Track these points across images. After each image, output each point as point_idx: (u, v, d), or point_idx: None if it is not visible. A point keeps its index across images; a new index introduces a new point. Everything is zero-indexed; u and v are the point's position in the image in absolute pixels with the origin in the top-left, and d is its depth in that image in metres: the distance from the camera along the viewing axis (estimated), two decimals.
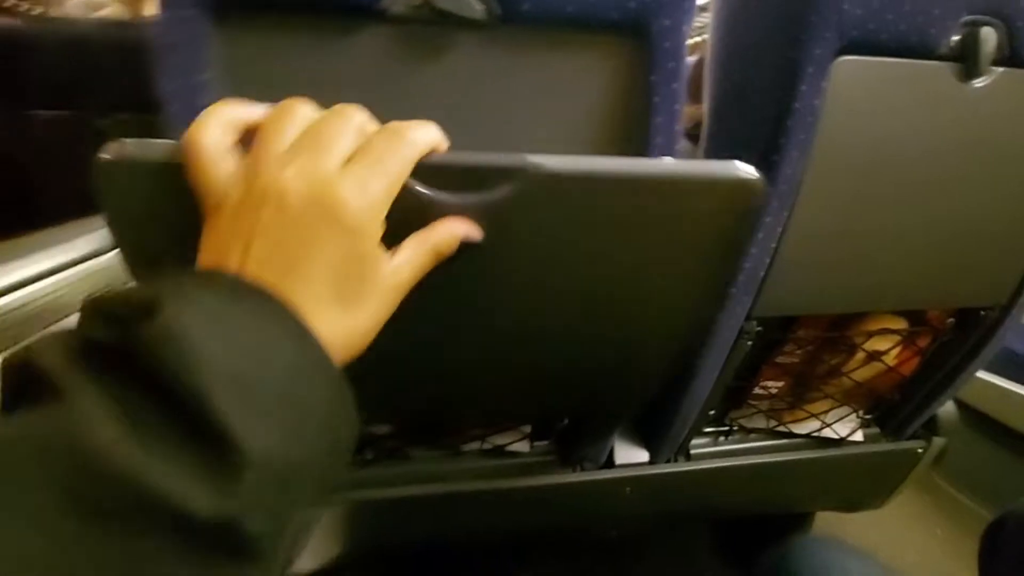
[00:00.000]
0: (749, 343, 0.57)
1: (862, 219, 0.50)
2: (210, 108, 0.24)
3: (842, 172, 0.48)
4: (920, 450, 0.75)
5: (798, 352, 0.62)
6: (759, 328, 0.56)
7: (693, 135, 0.63)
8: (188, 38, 0.36)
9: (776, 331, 0.58)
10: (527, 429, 0.62)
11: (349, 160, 0.23)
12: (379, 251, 0.24)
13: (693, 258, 0.34)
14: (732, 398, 0.67)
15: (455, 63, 0.40)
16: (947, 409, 0.74)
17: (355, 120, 0.24)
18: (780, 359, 0.62)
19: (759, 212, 0.46)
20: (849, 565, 0.44)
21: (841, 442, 0.72)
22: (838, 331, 0.60)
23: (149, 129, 0.37)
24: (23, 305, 0.43)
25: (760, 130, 0.47)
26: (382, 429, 0.59)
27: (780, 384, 0.66)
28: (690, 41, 0.42)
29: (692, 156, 0.60)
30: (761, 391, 0.66)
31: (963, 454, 1.21)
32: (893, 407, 0.72)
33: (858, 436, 0.72)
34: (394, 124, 0.25)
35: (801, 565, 0.45)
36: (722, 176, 0.31)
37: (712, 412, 0.68)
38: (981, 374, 1.10)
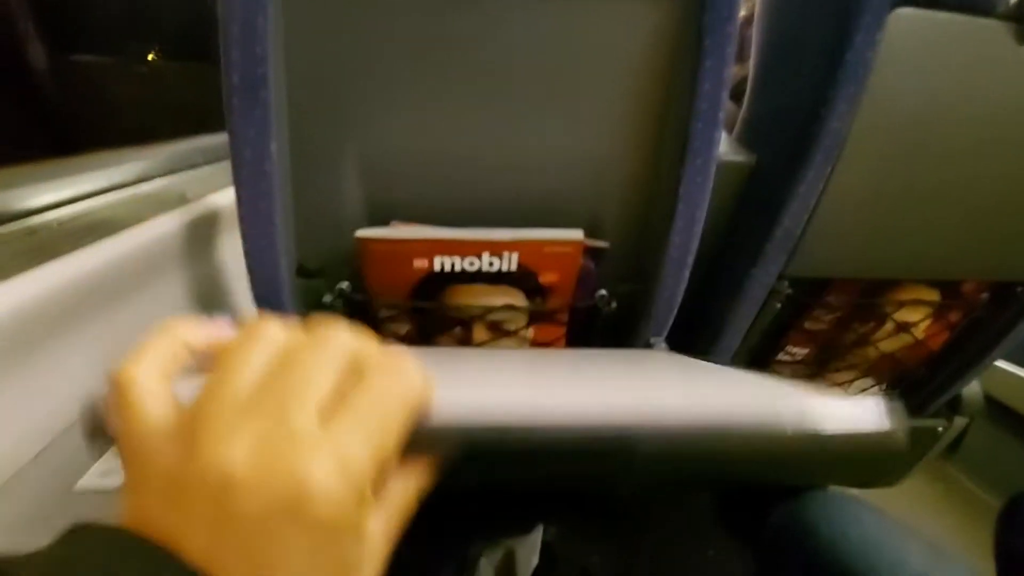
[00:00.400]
0: (778, 305, 0.57)
1: (905, 180, 0.50)
2: (156, 331, 0.20)
3: (890, 129, 0.47)
4: (940, 429, 0.75)
5: (826, 318, 0.62)
6: (790, 290, 0.56)
7: (734, 94, 0.62)
8: None
9: (806, 294, 0.58)
10: None
11: (328, 413, 0.17)
12: (364, 553, 0.17)
13: None
14: (755, 363, 0.67)
15: (507, 15, 0.40)
16: (972, 389, 0.73)
17: (337, 349, 0.18)
18: (808, 324, 0.62)
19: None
20: (863, 516, 0.44)
21: None
22: (869, 298, 0.60)
23: (187, 74, 0.38)
24: (70, 220, 0.45)
25: (809, 82, 0.46)
26: None
27: (805, 351, 0.66)
28: None
29: (734, 117, 0.59)
30: (786, 357, 0.66)
31: (978, 443, 1.21)
32: (917, 383, 0.72)
33: None
34: (388, 360, 0.19)
35: (816, 515, 0.45)
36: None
37: None
38: (1000, 362, 1.09)
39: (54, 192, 0.46)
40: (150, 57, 0.72)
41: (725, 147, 0.56)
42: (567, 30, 0.41)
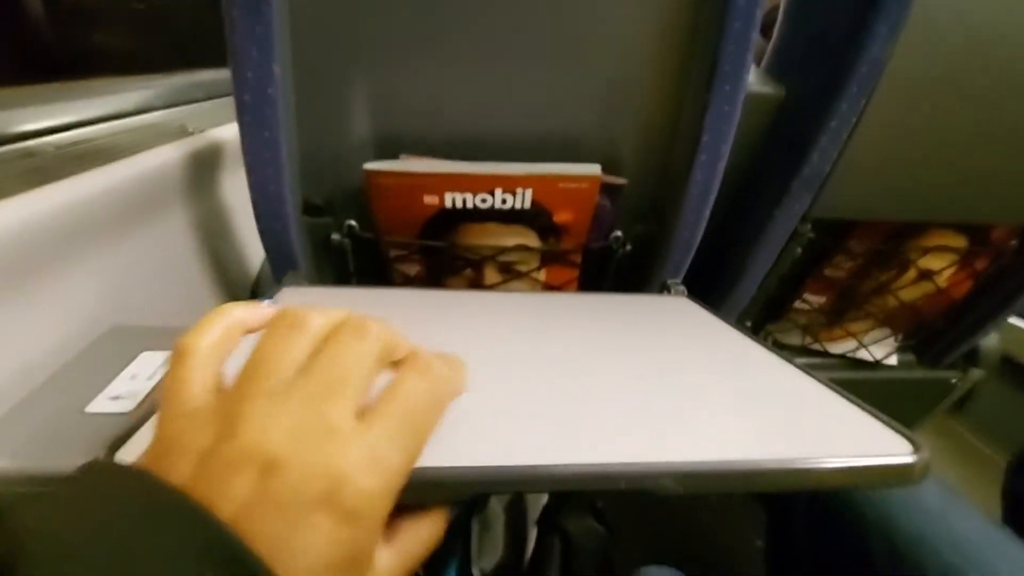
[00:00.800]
0: (799, 249, 0.55)
1: (941, 116, 0.47)
2: (217, 311, 0.21)
3: (929, 61, 0.44)
4: (955, 380, 0.74)
5: (846, 265, 0.60)
6: (812, 234, 0.54)
7: (763, 25, 0.59)
8: None
9: (828, 238, 0.56)
10: None
11: (363, 409, 0.18)
12: (374, 549, 0.17)
13: None
14: (771, 310, 0.66)
15: None
16: (990, 341, 0.72)
17: (373, 344, 0.19)
18: (828, 271, 0.60)
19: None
20: None
21: (875, 365, 0.71)
22: (893, 244, 0.58)
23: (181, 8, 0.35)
24: (72, 144, 0.43)
25: (844, 12, 0.43)
26: None
27: (823, 299, 0.64)
28: None
29: (761, 50, 0.56)
30: (803, 304, 0.65)
31: (985, 399, 1.20)
32: (935, 333, 0.71)
33: (892, 360, 0.71)
34: (421, 360, 0.20)
35: None
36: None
37: (749, 323, 0.67)
38: (1018, 321, 1.07)
39: (52, 117, 0.44)
40: None
41: (753, 77, 0.53)
42: None
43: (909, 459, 0.22)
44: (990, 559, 0.36)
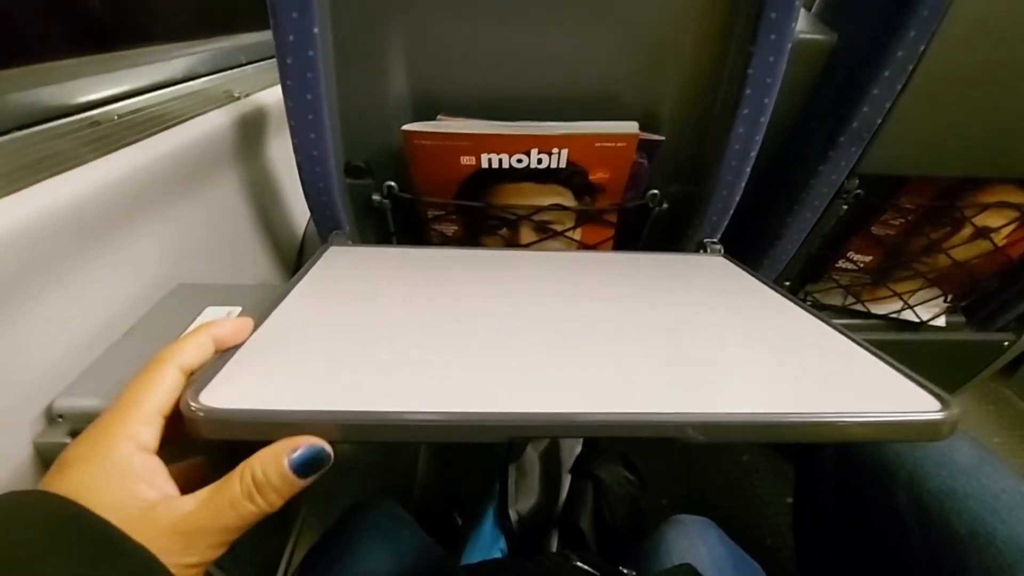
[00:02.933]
0: (845, 207, 0.54)
1: (1003, 62, 0.44)
2: (193, 331, 0.24)
3: (992, 6, 0.40)
4: (1006, 343, 0.72)
5: (895, 222, 0.58)
6: (859, 190, 0.52)
7: None
8: None
9: (877, 195, 0.54)
10: None
11: None
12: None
13: None
14: (813, 269, 0.65)
15: None
16: None
17: None
18: (874, 229, 0.58)
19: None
20: None
21: (920, 326, 0.69)
22: (948, 200, 0.55)
23: None
24: (130, 113, 0.45)
25: None
26: None
27: (868, 258, 0.62)
28: None
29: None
30: (847, 264, 0.63)
31: None
32: (987, 294, 0.68)
33: (940, 322, 0.69)
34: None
35: None
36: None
37: (788, 283, 0.66)
38: None
39: (112, 86, 0.46)
40: None
41: (802, 23, 0.50)
42: None
43: (938, 415, 0.22)
44: (1019, 515, 0.36)
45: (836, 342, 0.29)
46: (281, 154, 0.58)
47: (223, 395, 0.21)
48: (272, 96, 0.57)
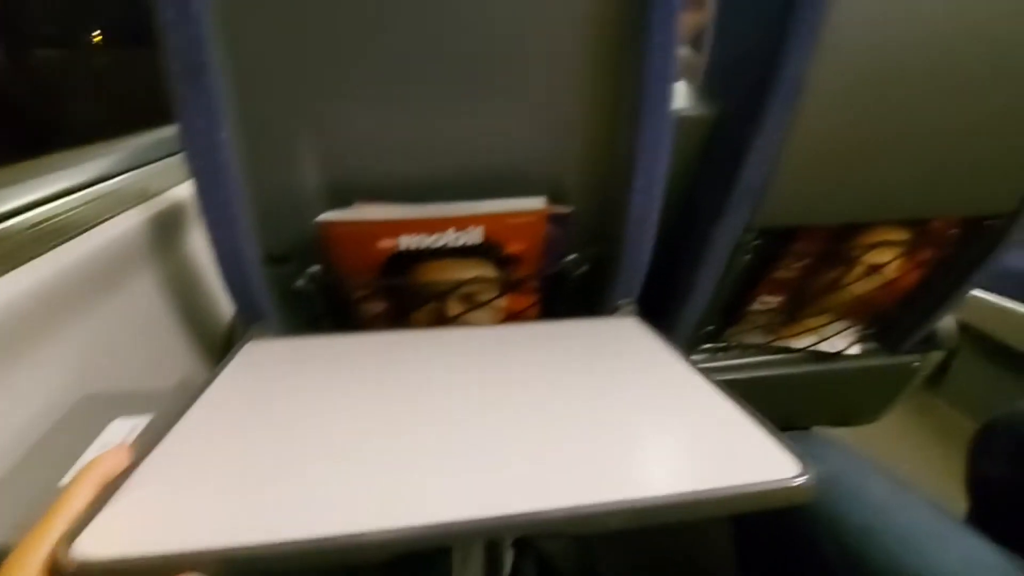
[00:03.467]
0: (747, 256, 0.58)
1: (867, 123, 0.49)
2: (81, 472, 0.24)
3: (848, 72, 0.46)
4: (916, 364, 0.77)
5: (796, 266, 0.62)
6: (757, 241, 0.57)
7: (696, 43, 0.61)
8: None
9: (774, 244, 0.58)
10: None
11: None
12: None
13: None
14: (730, 314, 0.69)
15: None
16: (946, 323, 0.75)
17: None
18: (778, 274, 0.63)
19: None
20: (829, 454, 0.46)
21: (838, 356, 0.73)
22: (838, 243, 0.60)
23: (142, 63, 0.37)
24: (34, 225, 0.45)
25: (764, 28, 0.45)
26: None
27: (778, 299, 0.67)
28: None
29: (695, 66, 0.58)
30: (759, 306, 0.68)
31: (961, 373, 1.24)
32: (891, 321, 0.74)
33: (855, 350, 0.74)
34: None
35: None
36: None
37: (710, 328, 0.69)
38: (979, 293, 1.10)
39: (18, 198, 0.46)
40: (96, 41, 0.70)
41: (687, 100, 0.55)
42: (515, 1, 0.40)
43: (796, 482, 0.24)
44: (929, 547, 0.38)
45: (721, 407, 0.32)
46: (202, 246, 0.58)
47: (103, 541, 0.21)
48: (189, 189, 0.57)
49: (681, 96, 0.56)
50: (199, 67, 0.37)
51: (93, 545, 0.20)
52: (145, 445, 0.27)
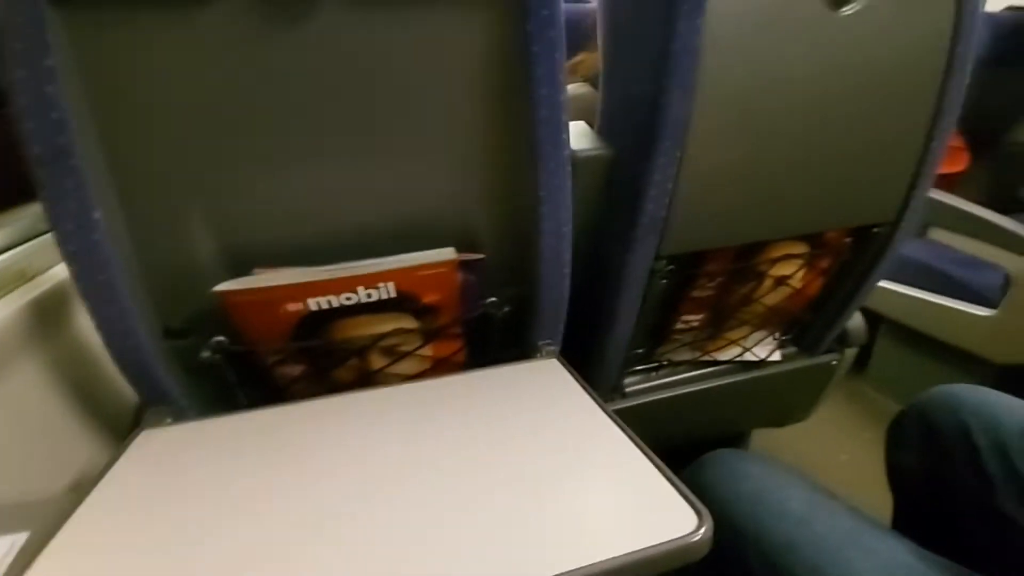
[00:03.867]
0: (663, 281, 0.60)
1: (754, 151, 0.53)
2: None
3: (728, 107, 0.49)
4: (834, 362, 0.82)
5: (710, 285, 0.65)
6: (670, 267, 0.59)
7: (596, 83, 0.64)
8: (27, 21, 0.33)
9: (686, 267, 0.61)
10: None
11: None
12: None
13: None
14: (656, 335, 0.71)
15: (321, 27, 0.38)
16: (855, 322, 0.80)
17: None
18: (695, 293, 0.65)
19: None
20: (753, 471, 0.48)
21: (762, 363, 0.77)
22: (744, 261, 0.64)
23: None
24: None
25: (646, 73, 0.48)
26: None
27: (699, 317, 0.70)
28: None
29: (593, 104, 0.61)
30: (683, 325, 0.70)
31: (887, 362, 1.33)
32: (806, 326, 0.78)
33: (777, 356, 0.78)
34: None
35: (709, 475, 0.49)
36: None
37: (640, 350, 0.71)
38: (896, 287, 1.19)
39: None
40: None
41: (586, 141, 0.57)
42: (398, 54, 0.41)
43: (694, 538, 0.25)
44: (849, 555, 0.40)
45: (628, 456, 0.32)
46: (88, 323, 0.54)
47: None
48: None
49: (581, 136, 0.58)
50: (62, 150, 0.35)
51: None
52: (15, 570, 0.25)
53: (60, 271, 0.52)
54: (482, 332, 0.56)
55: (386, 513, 0.30)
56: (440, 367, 0.55)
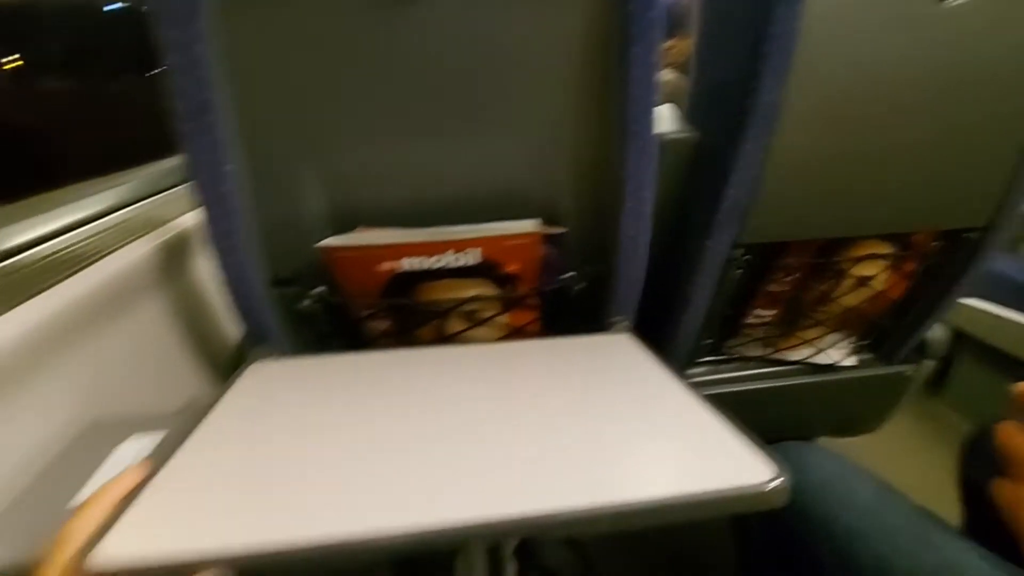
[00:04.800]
0: (738, 271, 0.60)
1: (844, 143, 0.52)
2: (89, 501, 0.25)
3: (822, 96, 0.49)
4: (910, 373, 0.78)
5: (787, 280, 0.64)
6: (747, 256, 0.58)
7: (685, 68, 0.64)
8: None
9: (765, 259, 0.60)
10: None
11: None
12: None
13: None
14: (727, 327, 0.70)
15: (433, 6, 0.41)
16: (936, 332, 0.76)
17: None
18: (771, 287, 0.64)
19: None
20: (819, 460, 0.47)
21: (834, 367, 0.75)
22: (826, 257, 0.62)
23: (152, 89, 0.40)
24: (51, 254, 0.47)
25: (740, 57, 0.48)
26: None
27: (772, 312, 0.68)
28: None
29: (681, 90, 0.61)
30: (755, 319, 0.69)
31: (962, 379, 1.25)
32: (884, 332, 0.75)
33: (850, 361, 0.75)
34: None
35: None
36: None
37: (709, 341, 0.71)
38: (979, 303, 1.12)
39: (32, 231, 0.48)
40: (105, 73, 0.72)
41: (673, 124, 0.58)
42: (501, 33, 0.43)
43: (771, 486, 0.25)
44: (916, 548, 0.39)
45: (703, 418, 0.33)
46: (209, 271, 0.60)
47: (120, 549, 0.22)
48: (195, 217, 0.60)
49: (668, 119, 0.58)
50: (204, 106, 0.40)
51: (115, 549, 0.21)
52: (159, 460, 0.29)
53: (183, 222, 0.58)
54: (557, 306, 0.58)
55: (469, 439, 0.32)
56: (514, 336, 0.57)
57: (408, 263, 0.49)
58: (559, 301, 0.58)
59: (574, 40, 0.43)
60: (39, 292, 0.39)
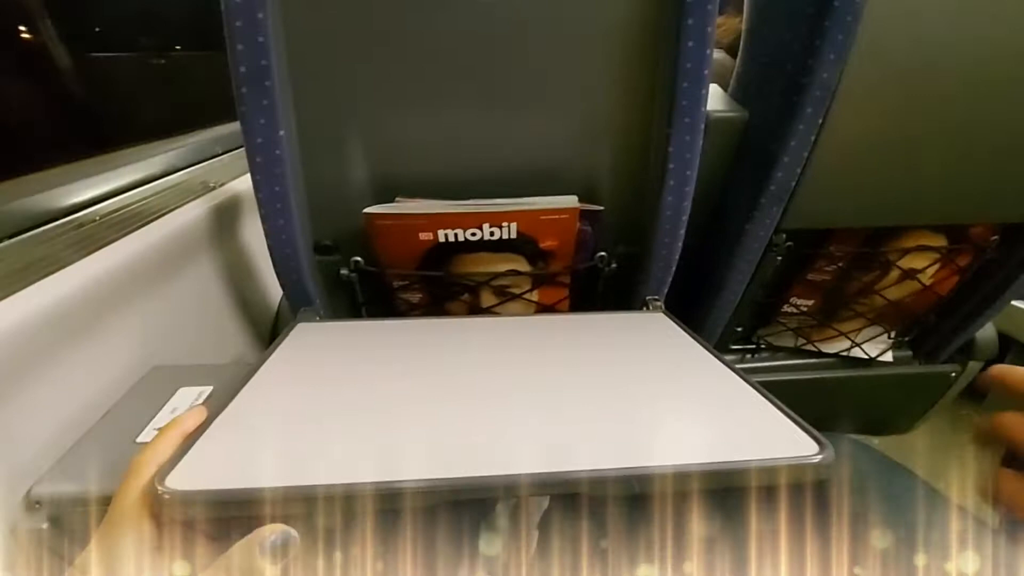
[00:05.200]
0: (778, 257, 0.58)
1: (901, 127, 0.50)
2: (161, 431, 0.27)
3: (881, 75, 0.47)
4: (953, 374, 0.76)
5: (829, 269, 0.62)
6: (789, 242, 0.57)
7: (733, 49, 0.62)
8: None
9: (807, 246, 0.59)
10: None
11: None
12: None
13: None
14: (760, 315, 0.69)
15: None
16: (986, 332, 0.73)
17: None
18: (811, 276, 0.63)
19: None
20: (851, 451, 0.47)
21: (870, 362, 0.73)
22: (872, 247, 0.60)
23: (204, 63, 0.41)
24: (116, 210, 0.49)
25: (798, 33, 0.46)
26: None
27: (810, 302, 0.67)
28: None
29: (729, 68, 0.59)
30: (790, 309, 0.68)
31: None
32: (927, 329, 0.72)
33: (888, 357, 0.73)
34: None
35: None
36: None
37: (740, 328, 0.70)
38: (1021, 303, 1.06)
39: (94, 188, 0.51)
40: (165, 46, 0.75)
41: (719, 103, 0.56)
42: (554, 9, 0.42)
43: (815, 459, 0.25)
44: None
45: (742, 393, 0.33)
46: (255, 235, 0.62)
47: (188, 478, 0.24)
48: (245, 183, 0.62)
49: (714, 98, 0.57)
50: (262, 71, 0.41)
51: (183, 480, 0.23)
52: (217, 406, 0.31)
53: (234, 186, 0.61)
54: (588, 285, 0.58)
55: (514, 400, 0.33)
56: (544, 313, 0.58)
57: (445, 234, 0.50)
58: (589, 281, 0.58)
59: (625, 12, 0.43)
60: (105, 245, 0.42)
